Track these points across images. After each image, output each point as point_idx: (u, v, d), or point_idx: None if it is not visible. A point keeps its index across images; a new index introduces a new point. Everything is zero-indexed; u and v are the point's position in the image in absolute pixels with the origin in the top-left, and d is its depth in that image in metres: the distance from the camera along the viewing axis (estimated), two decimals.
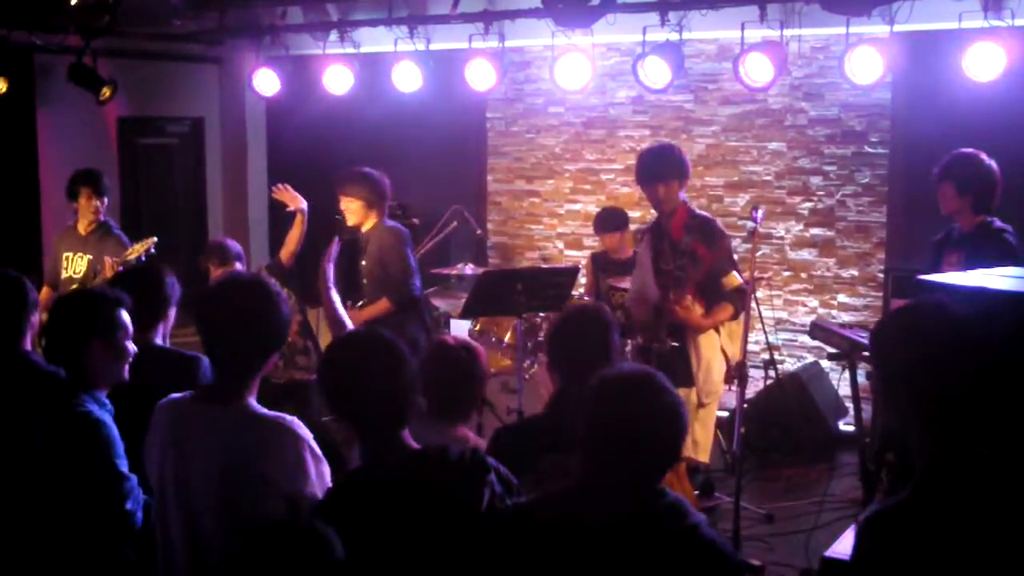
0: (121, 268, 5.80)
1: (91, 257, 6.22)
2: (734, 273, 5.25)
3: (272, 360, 2.91)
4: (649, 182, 5.26)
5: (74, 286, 6.04)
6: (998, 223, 4.97)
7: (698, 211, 5.44)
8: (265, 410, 2.82)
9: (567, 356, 3.14)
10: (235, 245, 6.10)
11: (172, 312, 3.91)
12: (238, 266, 6.04)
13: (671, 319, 5.15)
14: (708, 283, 5.19)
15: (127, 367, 3.26)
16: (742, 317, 5.24)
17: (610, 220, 7.09)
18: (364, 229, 5.81)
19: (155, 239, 6.09)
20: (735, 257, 5.59)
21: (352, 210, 5.76)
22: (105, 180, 6.39)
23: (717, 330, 5.28)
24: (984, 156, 5.00)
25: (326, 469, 2.82)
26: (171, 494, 2.85)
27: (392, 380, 2.64)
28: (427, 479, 2.53)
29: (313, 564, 2.17)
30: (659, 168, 5.24)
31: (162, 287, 3.86)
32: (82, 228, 6.32)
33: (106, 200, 6.36)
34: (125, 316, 3.25)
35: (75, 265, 6.29)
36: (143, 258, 5.94)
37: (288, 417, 2.81)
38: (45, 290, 6.18)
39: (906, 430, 2.13)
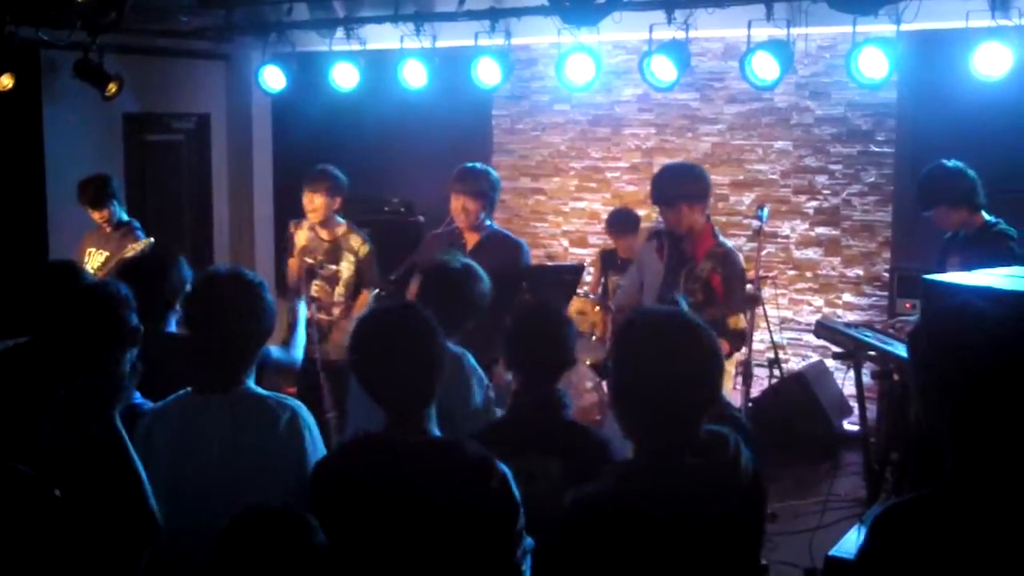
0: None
1: (109, 254, 6.33)
2: (741, 315, 5.08)
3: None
4: (674, 201, 4.98)
5: None
6: (1002, 226, 4.99)
7: (724, 240, 5.17)
8: (265, 391, 2.87)
9: (525, 357, 3.15)
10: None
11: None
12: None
13: None
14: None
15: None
16: (735, 356, 5.12)
17: (625, 223, 7.03)
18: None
19: (152, 240, 6.19)
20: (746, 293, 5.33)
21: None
22: (105, 187, 6.48)
23: None
24: (946, 162, 5.08)
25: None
26: (184, 492, 2.85)
27: (419, 357, 2.63)
28: (429, 468, 2.54)
29: (293, 548, 2.18)
30: (685, 188, 5.01)
31: (166, 276, 3.74)
32: (107, 227, 6.53)
33: (113, 207, 6.50)
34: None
35: (94, 260, 6.40)
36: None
37: (288, 397, 2.87)
38: None
39: (937, 432, 2.13)
